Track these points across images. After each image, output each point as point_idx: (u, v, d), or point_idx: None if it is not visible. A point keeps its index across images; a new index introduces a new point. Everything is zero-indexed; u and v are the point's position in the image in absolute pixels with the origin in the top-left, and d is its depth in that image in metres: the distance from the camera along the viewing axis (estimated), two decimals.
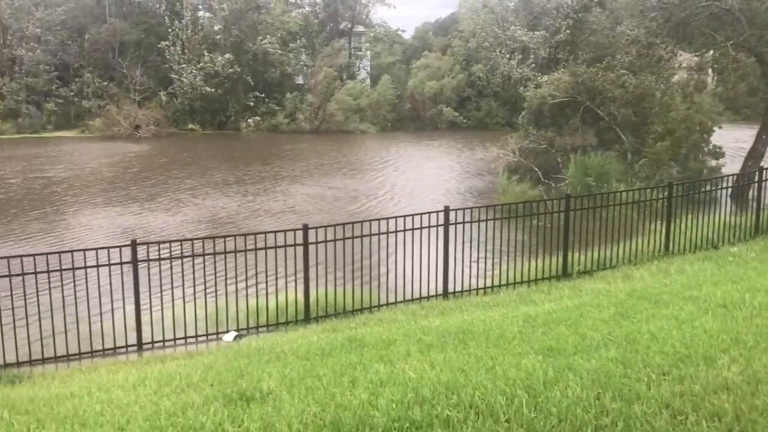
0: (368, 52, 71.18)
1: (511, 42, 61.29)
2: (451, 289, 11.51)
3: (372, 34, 73.50)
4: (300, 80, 64.60)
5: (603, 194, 13.91)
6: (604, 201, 12.95)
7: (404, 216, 11.22)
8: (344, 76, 62.89)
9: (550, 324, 7.26)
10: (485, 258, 13.46)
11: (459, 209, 11.64)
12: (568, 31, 59.17)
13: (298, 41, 65.09)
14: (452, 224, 11.36)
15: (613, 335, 6.32)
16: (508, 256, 13.03)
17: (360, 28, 72.06)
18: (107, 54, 60.95)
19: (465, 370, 5.49)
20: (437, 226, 11.33)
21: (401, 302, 11.23)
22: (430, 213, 11.30)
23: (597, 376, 5.02)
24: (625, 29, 32.00)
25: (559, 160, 26.46)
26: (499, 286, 11.98)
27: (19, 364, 9.16)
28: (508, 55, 60.97)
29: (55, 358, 9.46)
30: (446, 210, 11.38)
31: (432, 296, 11.41)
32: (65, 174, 34.36)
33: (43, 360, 9.40)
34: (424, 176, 34.16)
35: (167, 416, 5.13)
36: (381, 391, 5.11)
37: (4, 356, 9.15)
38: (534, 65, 59.21)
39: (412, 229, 11.13)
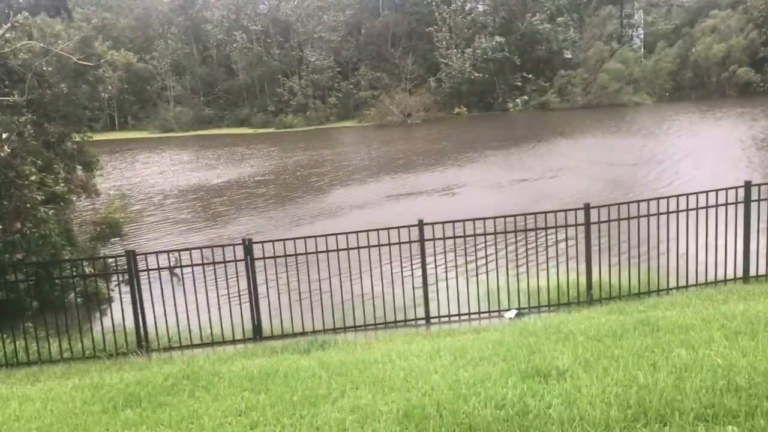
0: (642, 19, 66.70)
1: None
2: (753, 272, 10.46)
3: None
4: (569, 55, 62.76)
5: None
6: None
7: (696, 193, 10.41)
8: (615, 45, 59.70)
9: None
10: None
11: (763, 184, 10.48)
12: None
13: (566, 15, 63.25)
14: (754, 201, 10.28)
15: None
16: None
17: None
18: (381, 46, 64.93)
19: None
20: (736, 203, 10.33)
21: (693, 285, 10.47)
22: (727, 189, 10.34)
23: None
24: None
25: None
26: None
27: (325, 331, 10.23)
28: None
29: (355, 327, 10.42)
30: (747, 185, 10.32)
31: (730, 280, 10.47)
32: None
33: (345, 328, 10.40)
34: (713, 148, 31.29)
35: (467, 386, 5.39)
36: (686, 375, 4.86)
37: (313, 324, 10.29)
38: None
39: (706, 207, 10.28)
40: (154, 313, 10.08)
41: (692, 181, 24.15)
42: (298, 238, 10.20)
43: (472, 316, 10.51)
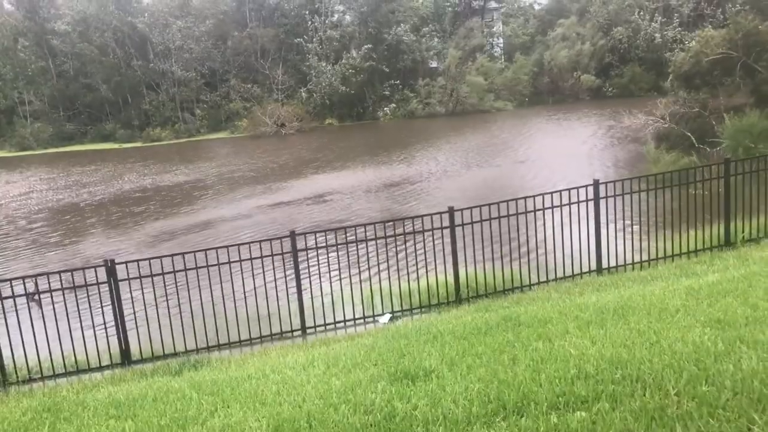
0: (501, 29, 70.06)
1: (650, 2, 57.98)
2: (605, 264, 11.23)
3: (503, 10, 72.19)
4: (434, 64, 64.81)
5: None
6: None
7: (551, 192, 11.06)
8: (477, 56, 62.31)
9: (715, 296, 6.93)
10: (639, 231, 12.98)
11: (609, 182, 11.29)
12: None
13: (430, 26, 65.27)
14: (603, 198, 11.06)
15: None
16: (664, 229, 12.48)
17: (493, 4, 70.95)
18: (250, 57, 64.16)
19: (628, 345, 5.40)
20: (586, 201, 11.07)
21: (553, 280, 11.10)
22: (578, 188, 11.06)
23: None
24: None
25: (714, 123, 24.82)
26: (656, 259, 11.52)
27: (198, 350, 9.98)
28: (649, 17, 57.78)
29: (229, 344, 10.23)
30: (596, 183, 11.09)
31: (585, 273, 11.18)
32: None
33: (219, 346, 10.19)
34: (565, 149, 33.25)
35: (338, 394, 5.45)
36: (542, 367, 5.15)
37: (185, 344, 10.00)
38: (678, 25, 55.70)
39: (560, 206, 10.94)
40: (10, 343, 9.45)
41: (540, 179, 25.58)
42: (164, 256, 9.89)
43: (348, 323, 10.60)
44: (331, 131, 57.03)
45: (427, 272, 11.26)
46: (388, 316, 10.57)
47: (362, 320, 10.62)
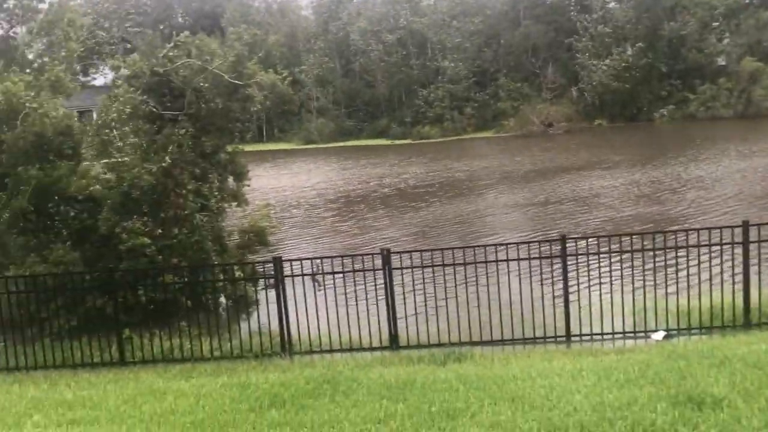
0: None
1: None
2: None
3: None
4: (722, 62, 58.92)
5: None
6: None
7: None
8: None
9: None
10: None
11: None
12: None
13: (721, 20, 59.53)
14: None
15: None
16: None
17: None
18: (521, 56, 64.13)
19: None
20: None
21: None
22: None
23: None
24: None
25: None
26: None
27: (462, 343, 10.17)
28: None
29: (492, 341, 10.27)
30: None
31: None
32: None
33: (482, 342, 10.28)
34: None
35: (613, 409, 5.18)
36: None
37: (449, 336, 10.25)
38: None
39: None
40: (297, 317, 10.47)
41: None
42: (435, 249, 10.25)
43: (616, 336, 10.06)
44: (602, 132, 54.74)
45: (711, 289, 10.26)
46: (662, 333, 9.84)
47: (632, 334, 10.01)
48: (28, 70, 17.78)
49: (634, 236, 10.20)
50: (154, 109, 14.64)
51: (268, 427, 5.82)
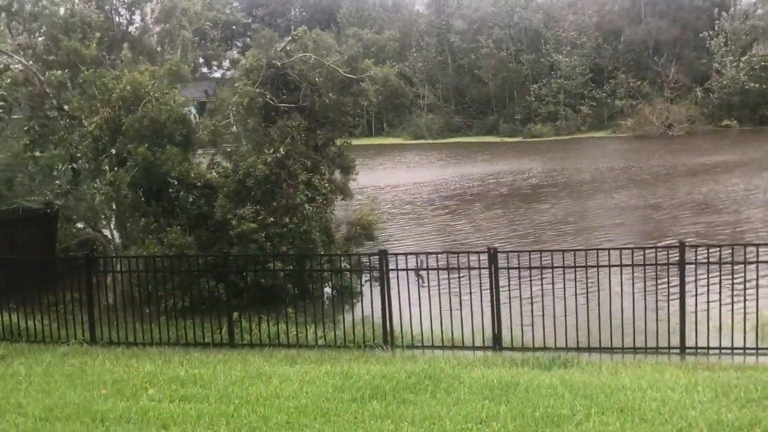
0: None
1: None
2: None
3: None
4: None
5: None
6: None
7: None
8: None
9: None
10: None
11: None
12: None
13: None
14: None
15: None
16: None
17: None
18: (642, 54, 61.62)
19: None
20: None
21: None
22: None
23: None
24: None
25: None
26: None
27: (567, 349, 9.85)
28: None
29: (600, 348, 9.90)
30: None
31: None
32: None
33: (589, 349, 9.92)
34: None
35: (733, 430, 4.86)
36: None
37: (555, 340, 9.96)
38: None
39: None
40: (400, 310, 10.50)
41: None
42: (543, 250, 9.99)
43: (736, 351, 9.46)
44: (730, 134, 51.57)
45: None
46: None
47: (754, 351, 9.38)
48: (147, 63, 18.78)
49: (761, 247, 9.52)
50: (270, 102, 15.07)
51: (369, 418, 5.86)
